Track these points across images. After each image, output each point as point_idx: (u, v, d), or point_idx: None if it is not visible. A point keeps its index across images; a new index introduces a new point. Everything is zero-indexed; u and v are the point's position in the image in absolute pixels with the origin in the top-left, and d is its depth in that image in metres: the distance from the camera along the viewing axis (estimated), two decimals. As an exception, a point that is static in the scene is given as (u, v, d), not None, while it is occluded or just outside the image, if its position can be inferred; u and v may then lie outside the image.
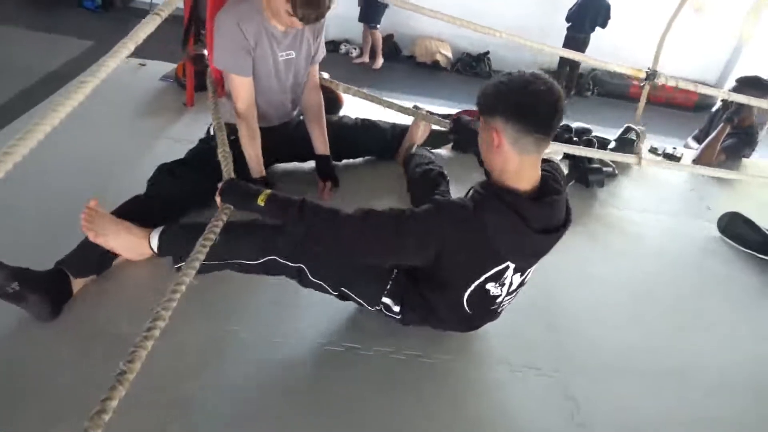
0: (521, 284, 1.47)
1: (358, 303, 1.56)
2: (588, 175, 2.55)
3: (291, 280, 1.56)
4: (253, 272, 1.55)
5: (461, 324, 1.57)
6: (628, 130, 2.92)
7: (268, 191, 1.41)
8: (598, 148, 2.72)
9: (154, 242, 1.60)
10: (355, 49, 7.14)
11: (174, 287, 1.22)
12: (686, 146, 3.39)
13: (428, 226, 1.27)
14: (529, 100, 1.19)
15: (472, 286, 1.37)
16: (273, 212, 1.41)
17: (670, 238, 2.40)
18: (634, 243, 2.32)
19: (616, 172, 2.75)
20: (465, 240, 1.27)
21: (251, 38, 1.80)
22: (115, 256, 1.61)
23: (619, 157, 2.61)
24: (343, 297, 1.56)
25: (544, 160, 1.36)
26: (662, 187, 2.83)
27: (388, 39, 7.23)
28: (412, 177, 2.14)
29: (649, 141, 3.14)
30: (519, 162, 1.24)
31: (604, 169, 2.63)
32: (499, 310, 1.53)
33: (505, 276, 1.37)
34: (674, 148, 3.18)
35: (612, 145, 2.84)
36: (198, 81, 2.63)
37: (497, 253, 1.30)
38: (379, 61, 6.91)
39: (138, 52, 1.38)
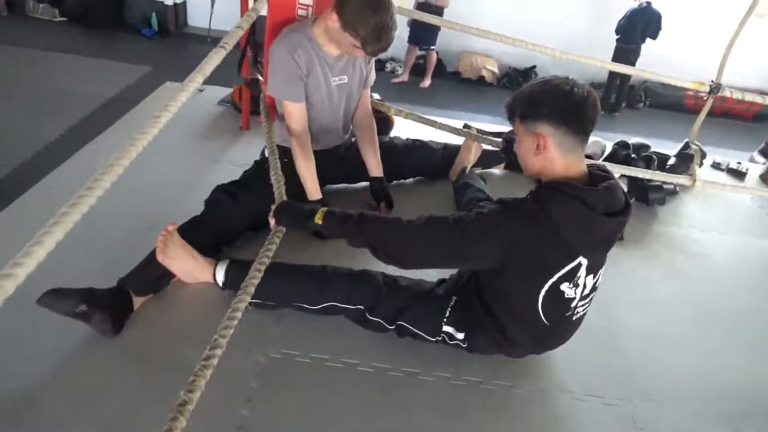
0: (594, 288, 1.43)
1: (418, 336, 1.54)
2: (648, 193, 2.47)
3: (348, 319, 1.59)
4: (310, 314, 1.58)
5: (537, 340, 1.51)
6: (688, 145, 2.81)
7: (324, 209, 1.43)
8: (657, 164, 2.65)
9: (220, 276, 1.64)
10: (400, 66, 7.19)
11: (230, 314, 1.24)
12: (752, 160, 3.25)
13: (494, 222, 1.28)
14: (575, 104, 1.25)
15: (546, 286, 1.34)
16: (332, 228, 1.44)
17: (737, 258, 2.30)
18: (699, 264, 2.23)
19: (678, 189, 2.66)
20: (534, 234, 1.27)
21: (304, 66, 1.84)
22: (171, 276, 1.66)
23: (672, 178, 2.52)
24: (401, 332, 1.55)
25: (602, 170, 1.37)
26: (727, 204, 2.72)
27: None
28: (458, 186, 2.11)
29: (710, 155, 3.02)
30: (564, 161, 1.29)
31: (665, 186, 2.54)
32: (575, 318, 1.46)
33: (578, 275, 1.34)
34: (739, 162, 3.04)
35: (672, 161, 2.75)
36: (253, 105, 2.70)
37: (568, 245, 1.28)
38: (427, 81, 6.93)
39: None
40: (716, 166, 3.07)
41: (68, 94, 4.95)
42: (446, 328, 1.50)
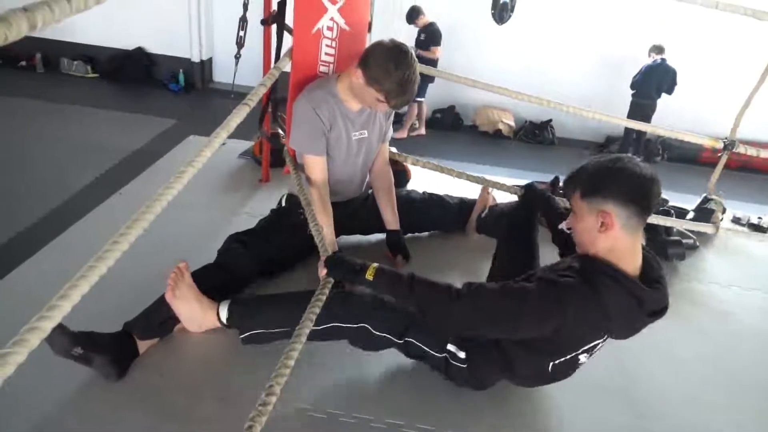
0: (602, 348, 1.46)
1: (425, 352, 1.54)
2: (667, 248, 2.44)
3: (353, 346, 1.58)
4: (315, 339, 1.56)
5: (535, 381, 1.56)
6: (707, 200, 2.80)
7: (375, 265, 1.44)
8: (675, 219, 2.62)
9: (224, 313, 1.65)
10: (417, 121, 7.33)
11: (284, 360, 1.23)
12: (772, 215, 3.20)
13: (548, 305, 1.28)
14: (643, 184, 1.25)
15: (567, 357, 1.38)
16: (382, 286, 1.45)
17: (762, 315, 2.24)
18: (722, 321, 2.17)
19: (698, 244, 2.62)
20: (585, 319, 1.28)
21: (326, 121, 1.90)
22: (176, 322, 1.68)
23: (694, 226, 2.50)
24: (407, 348, 1.55)
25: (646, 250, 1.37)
26: (750, 259, 2.67)
27: (450, 110, 7.41)
28: (505, 238, 2.00)
29: (729, 210, 2.99)
30: (630, 242, 1.28)
31: (684, 241, 2.51)
32: (577, 369, 1.50)
33: (597, 348, 1.39)
34: (759, 217, 3.00)
35: (690, 215, 2.73)
36: (273, 158, 2.77)
37: (608, 330, 1.33)
38: (422, 130, 6.98)
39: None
40: (736, 221, 3.03)
41: (97, 146, 5.14)
42: (450, 347, 1.51)
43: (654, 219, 2.38)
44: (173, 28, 7.19)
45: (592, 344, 1.37)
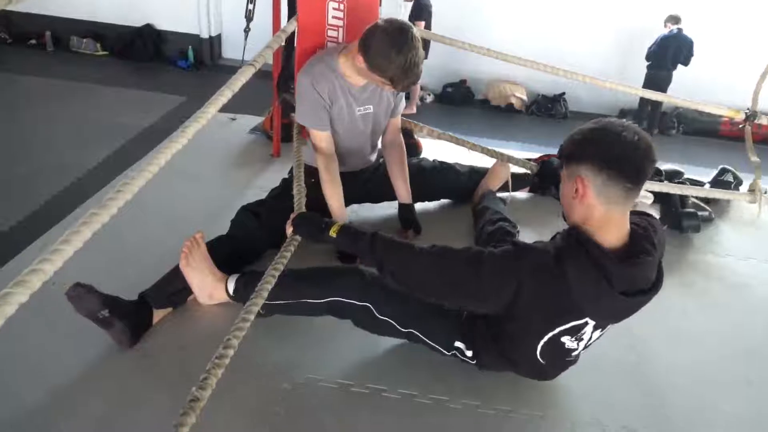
0: (599, 337, 1.40)
1: (431, 346, 1.53)
2: (682, 220, 2.41)
3: (357, 327, 1.58)
4: (318, 313, 1.58)
5: (534, 372, 1.51)
6: (723, 171, 2.75)
7: (341, 223, 1.45)
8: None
9: (231, 285, 1.67)
10: (429, 95, 7.26)
11: (243, 315, 1.25)
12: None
13: (506, 268, 1.23)
14: (618, 148, 1.14)
15: (546, 338, 1.31)
16: (345, 244, 1.45)
17: (780, 289, 2.21)
18: (738, 294, 2.14)
19: (713, 216, 2.58)
20: (543, 288, 1.21)
21: (326, 97, 1.87)
22: (190, 293, 1.69)
23: (731, 195, 2.43)
24: (411, 338, 1.55)
25: (642, 214, 1.30)
26: (766, 231, 2.62)
27: (462, 84, 7.32)
28: (480, 236, 2.05)
29: (746, 183, 2.94)
30: (605, 213, 1.18)
31: (699, 213, 2.47)
32: (575, 361, 1.46)
33: (583, 331, 1.31)
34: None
35: (706, 188, 2.69)
36: (284, 132, 2.75)
37: (576, 307, 1.23)
38: (413, 107, 6.79)
39: (229, 107, 1.48)
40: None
41: (108, 125, 5.15)
42: (458, 344, 1.49)
43: (682, 188, 2.31)
44: (182, 3, 7.13)
45: (570, 325, 1.27)
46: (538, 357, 1.37)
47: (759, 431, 1.56)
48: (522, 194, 2.61)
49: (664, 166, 2.79)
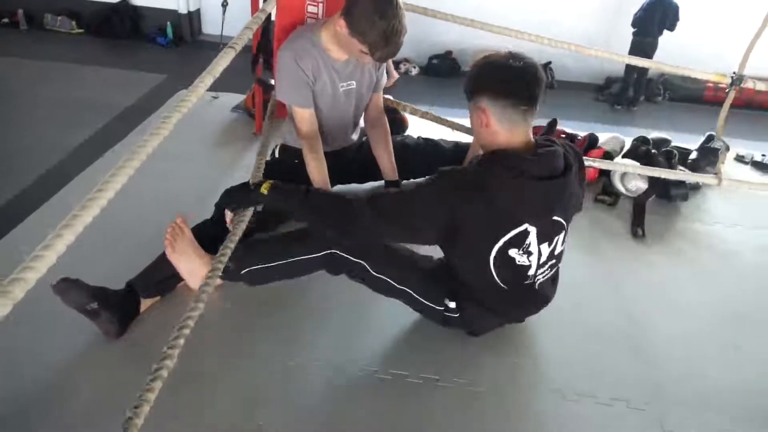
0: (553, 257, 1.45)
1: (422, 305, 1.54)
2: (670, 189, 2.41)
3: (352, 280, 1.58)
4: (313, 269, 1.57)
5: (506, 305, 1.53)
6: (710, 138, 2.75)
7: (271, 181, 1.45)
8: (678, 159, 2.58)
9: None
10: (414, 67, 7.16)
11: (203, 287, 1.29)
12: (777, 152, 3.15)
13: (432, 194, 1.32)
14: (508, 76, 1.29)
15: (493, 252, 1.36)
16: (277, 201, 1.46)
17: (766, 254, 2.22)
18: (726, 261, 2.16)
19: (701, 184, 2.58)
20: (471, 201, 1.30)
21: (309, 73, 1.83)
22: (178, 280, 1.66)
23: (697, 177, 2.45)
24: (403, 297, 1.55)
25: (547, 140, 1.39)
26: (754, 198, 2.63)
27: (447, 55, 7.22)
28: None
29: (732, 148, 2.94)
30: (508, 134, 1.32)
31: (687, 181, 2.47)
32: (537, 285, 1.48)
33: (527, 242, 1.36)
34: (763, 155, 2.96)
35: (694, 155, 2.69)
36: (266, 110, 2.70)
37: (506, 211, 1.32)
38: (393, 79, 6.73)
39: (210, 86, 1.44)
40: (740, 159, 2.99)
41: (87, 104, 5.02)
42: (446, 300, 1.51)
43: (655, 171, 2.33)
44: (158, -23, 6.92)
45: (510, 234, 1.34)
46: (498, 281, 1.41)
47: (748, 397, 1.57)
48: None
49: (651, 134, 2.78)
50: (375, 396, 1.45)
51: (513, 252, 1.36)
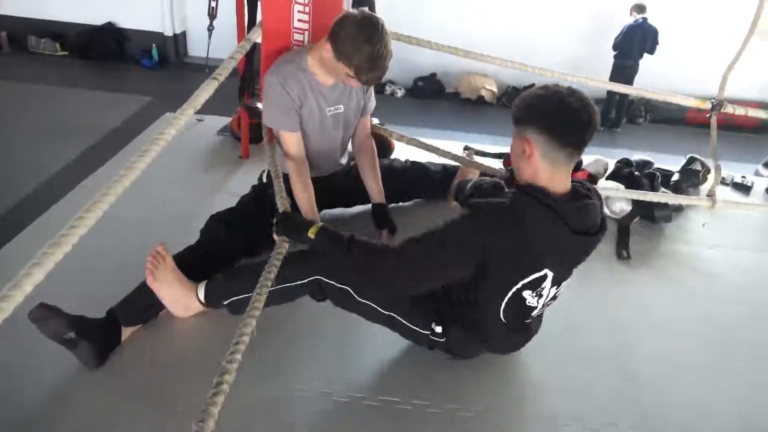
0: (554, 298, 1.45)
1: (408, 330, 1.52)
2: (654, 211, 2.43)
3: (336, 306, 1.57)
4: (294, 297, 1.56)
5: (496, 339, 1.53)
6: (692, 160, 2.80)
7: (320, 224, 1.45)
8: (661, 181, 2.62)
9: (201, 292, 1.62)
10: (400, 89, 7.22)
11: (238, 338, 1.20)
12: (757, 174, 3.22)
13: (467, 233, 1.28)
14: (563, 115, 1.22)
15: (509, 293, 1.34)
16: (322, 245, 1.46)
17: (750, 276, 2.25)
18: (710, 282, 2.18)
19: (684, 205, 2.62)
20: (506, 243, 1.26)
21: (296, 97, 1.83)
22: (161, 308, 1.63)
23: (689, 200, 2.49)
24: (389, 324, 1.54)
25: (583, 186, 1.36)
26: (736, 220, 2.67)
27: (431, 78, 7.30)
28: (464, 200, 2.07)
29: (712, 171, 2.99)
30: (550, 173, 1.26)
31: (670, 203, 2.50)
32: (531, 324, 1.50)
33: (542, 286, 1.35)
34: (743, 176, 3.01)
35: (676, 177, 2.73)
36: (252, 133, 2.69)
37: (537, 255, 1.29)
38: None
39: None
40: (721, 180, 3.03)
41: (71, 127, 4.98)
42: (433, 324, 1.50)
43: (646, 195, 2.34)
44: (144, 0, 6.93)
45: (531, 278, 1.32)
46: (501, 317, 1.40)
47: (736, 419, 1.58)
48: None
49: (634, 156, 2.82)
50: (364, 423, 1.43)
51: (527, 294, 1.36)
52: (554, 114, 1.23)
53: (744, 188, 2.94)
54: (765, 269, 2.32)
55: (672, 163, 2.88)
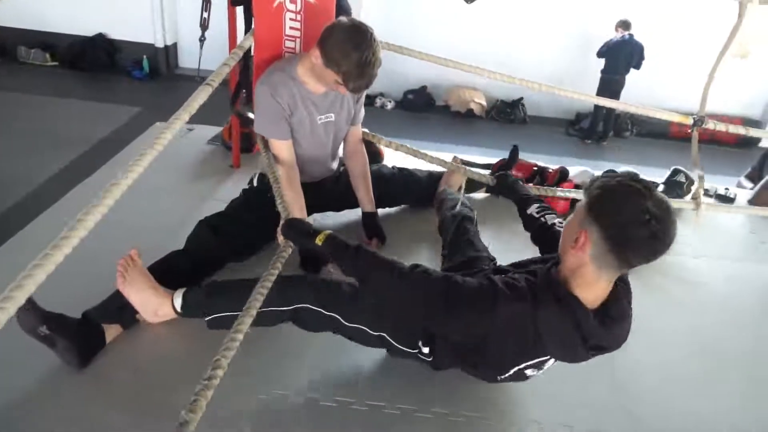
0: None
1: (397, 348, 1.51)
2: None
3: (325, 332, 1.55)
4: (278, 322, 1.54)
5: (491, 378, 1.51)
6: (675, 172, 2.84)
7: (328, 232, 1.42)
8: (646, 192, 2.66)
9: (178, 302, 1.61)
10: (390, 101, 7.28)
11: (232, 334, 1.21)
12: (739, 186, 3.28)
13: (481, 307, 1.22)
14: (639, 233, 1.08)
15: (511, 371, 1.37)
16: (329, 252, 1.43)
17: (733, 285, 2.29)
18: (694, 292, 2.21)
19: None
20: (515, 331, 1.23)
21: (286, 106, 1.85)
22: (134, 310, 1.63)
23: (675, 203, 2.52)
24: (378, 343, 1.53)
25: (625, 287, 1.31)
26: (718, 230, 2.72)
27: (422, 91, 7.37)
28: (443, 220, 2.09)
29: (695, 183, 3.04)
30: (593, 275, 1.17)
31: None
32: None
33: (546, 365, 1.37)
34: (726, 188, 3.07)
35: (660, 188, 2.77)
36: (243, 143, 2.71)
37: (544, 348, 1.27)
38: None
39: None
40: (705, 192, 3.09)
41: (60, 137, 4.97)
42: (420, 344, 1.48)
43: None
44: (135, 12, 6.95)
45: (536, 360, 1.32)
46: (499, 381, 1.45)
47: (721, 424, 1.60)
48: (479, 195, 2.65)
49: (620, 168, 2.87)
50: (351, 428, 1.43)
51: (529, 371, 1.38)
52: (627, 227, 1.08)
53: (727, 200, 3.00)
54: (748, 278, 2.36)
55: (657, 175, 2.93)
